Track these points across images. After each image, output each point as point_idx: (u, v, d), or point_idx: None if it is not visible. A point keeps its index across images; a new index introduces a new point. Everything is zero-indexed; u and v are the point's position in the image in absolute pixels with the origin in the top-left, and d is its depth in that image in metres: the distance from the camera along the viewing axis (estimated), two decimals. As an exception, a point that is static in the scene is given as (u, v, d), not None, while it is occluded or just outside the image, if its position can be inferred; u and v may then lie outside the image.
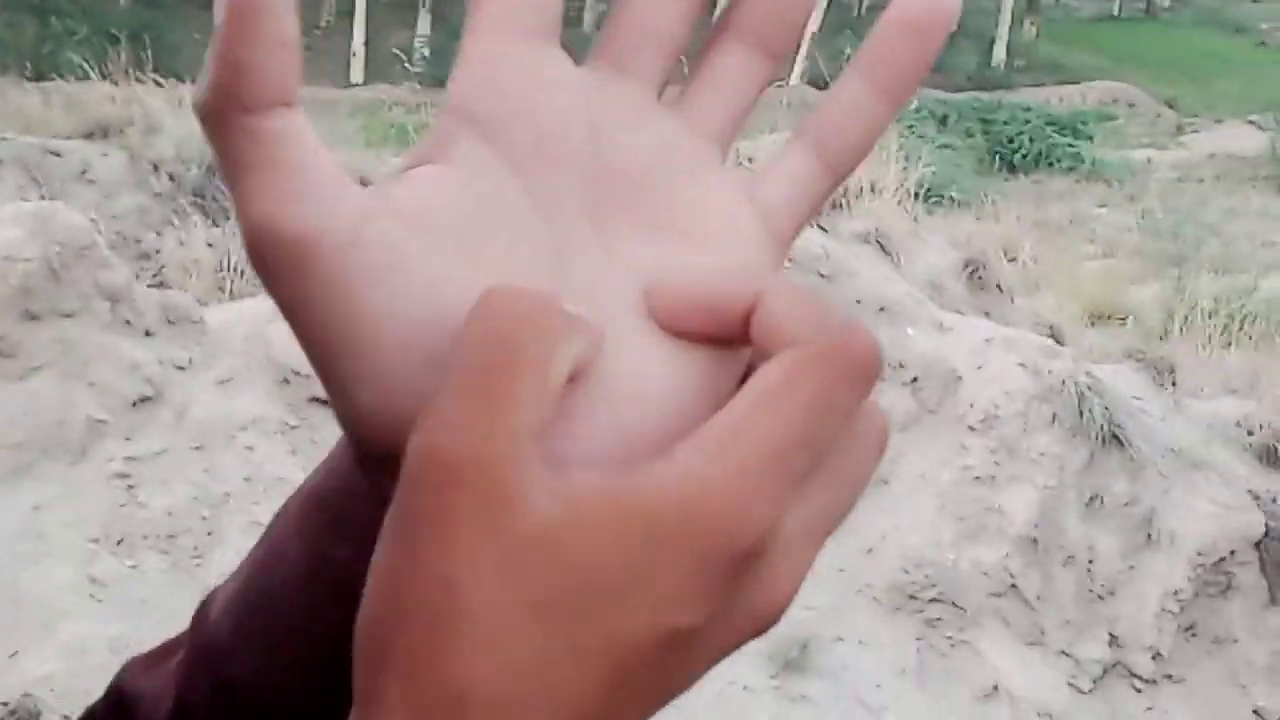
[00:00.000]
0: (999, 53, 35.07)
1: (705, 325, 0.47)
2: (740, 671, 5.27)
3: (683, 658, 0.44)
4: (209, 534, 5.14)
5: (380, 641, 0.43)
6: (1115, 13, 48.28)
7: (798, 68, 32.52)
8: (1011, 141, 25.65)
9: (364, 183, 0.45)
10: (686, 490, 0.41)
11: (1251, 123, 27.04)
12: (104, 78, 9.20)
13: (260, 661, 0.58)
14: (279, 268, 0.45)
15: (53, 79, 9.78)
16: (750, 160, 6.59)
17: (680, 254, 0.49)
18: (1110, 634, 5.84)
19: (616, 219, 0.49)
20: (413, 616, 0.42)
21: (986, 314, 7.56)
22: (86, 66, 9.53)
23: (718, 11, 0.53)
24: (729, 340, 0.47)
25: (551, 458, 0.42)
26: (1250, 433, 6.86)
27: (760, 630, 0.45)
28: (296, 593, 0.57)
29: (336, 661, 0.49)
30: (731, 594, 0.43)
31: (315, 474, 0.60)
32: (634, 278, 0.48)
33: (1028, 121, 26.09)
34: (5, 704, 4.63)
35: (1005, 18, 35.27)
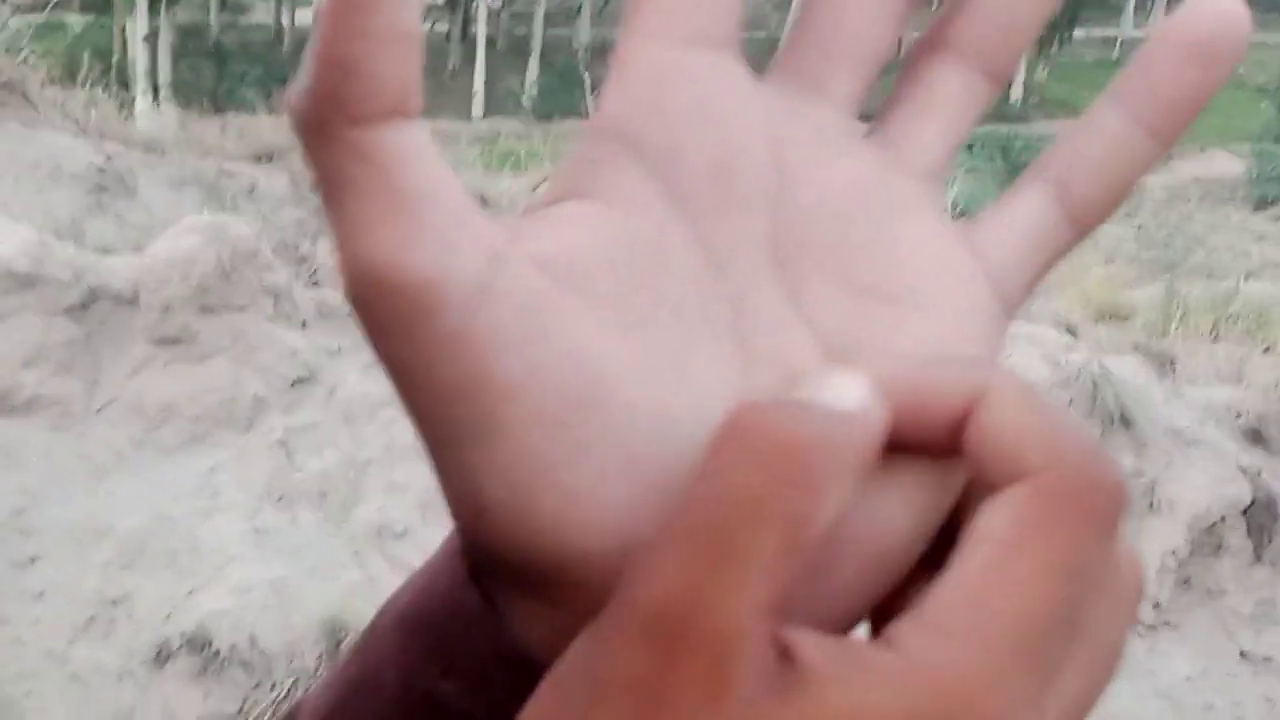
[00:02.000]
0: (1016, 92, 34.57)
1: (903, 427, 0.31)
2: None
3: None
4: (354, 492, 5.15)
5: None
6: (1114, 57, 47.46)
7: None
8: (1027, 165, 25.52)
9: (483, 203, 0.32)
10: (922, 685, 0.27)
11: (1230, 151, 26.76)
12: (270, 112, 9.29)
13: None
14: (390, 321, 0.30)
15: (228, 112, 9.82)
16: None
17: (888, 321, 0.34)
18: (1117, 587, 5.79)
19: (807, 276, 0.34)
20: None
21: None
22: (256, 102, 9.66)
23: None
24: (936, 450, 0.31)
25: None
26: (1238, 415, 6.76)
27: None
28: None
29: None
30: None
31: (409, 588, 0.40)
32: (829, 351, 0.33)
33: (1039, 149, 25.78)
34: (183, 633, 4.67)
35: (1021, 62, 34.93)
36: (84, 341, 5.30)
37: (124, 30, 25.16)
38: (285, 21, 34.28)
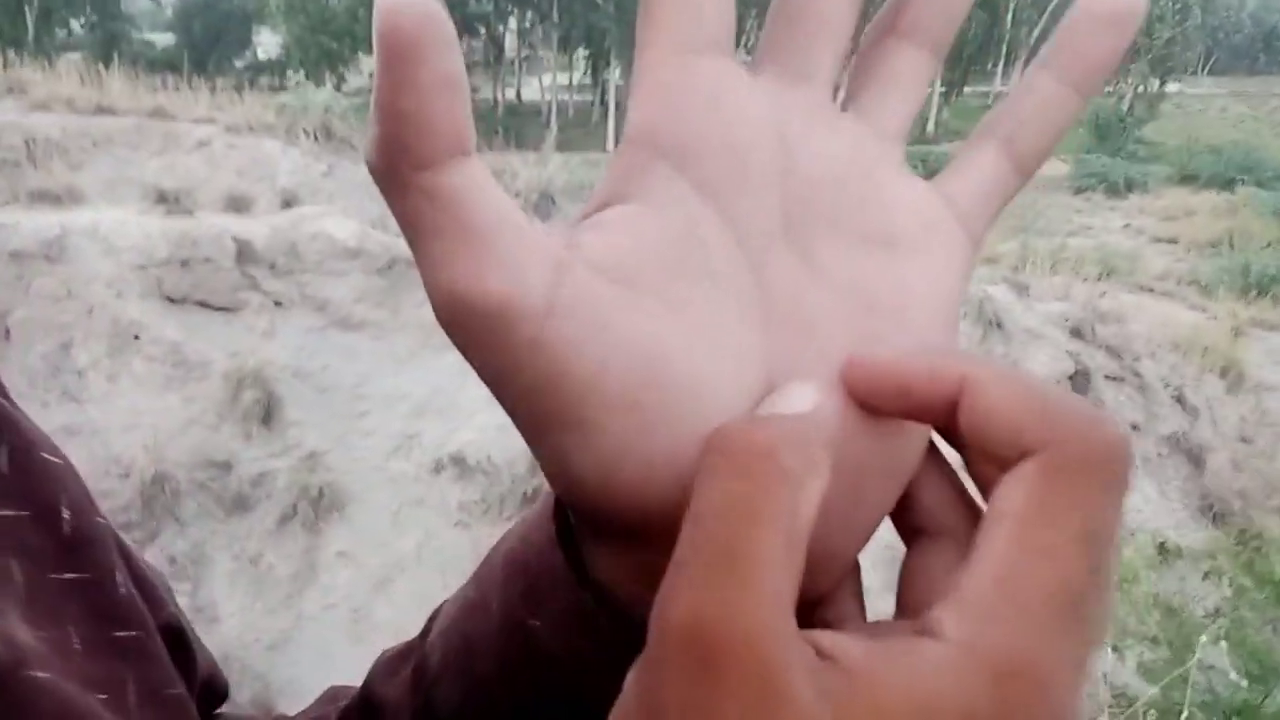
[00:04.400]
0: (930, 126, 33.19)
1: (904, 408, 0.23)
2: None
3: None
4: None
5: None
6: (989, 103, 45.54)
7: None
8: (935, 173, 24.41)
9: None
10: (976, 667, 0.19)
11: (1058, 158, 25.76)
12: (490, 150, 9.16)
13: (459, 695, 0.32)
14: (474, 339, 0.22)
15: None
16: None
17: (890, 264, 0.25)
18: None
19: (817, 233, 0.25)
20: None
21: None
22: (481, 146, 9.56)
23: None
24: (931, 421, 0.23)
25: None
26: (1066, 319, 6.71)
27: None
28: (493, 646, 0.30)
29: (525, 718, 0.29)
30: None
31: (515, 533, 0.31)
32: (844, 296, 0.25)
33: (945, 159, 24.83)
34: (450, 454, 4.75)
35: (935, 103, 33.33)
36: (389, 288, 5.37)
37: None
38: (499, 95, 34.01)
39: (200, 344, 4.84)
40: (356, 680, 0.38)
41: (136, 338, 4.74)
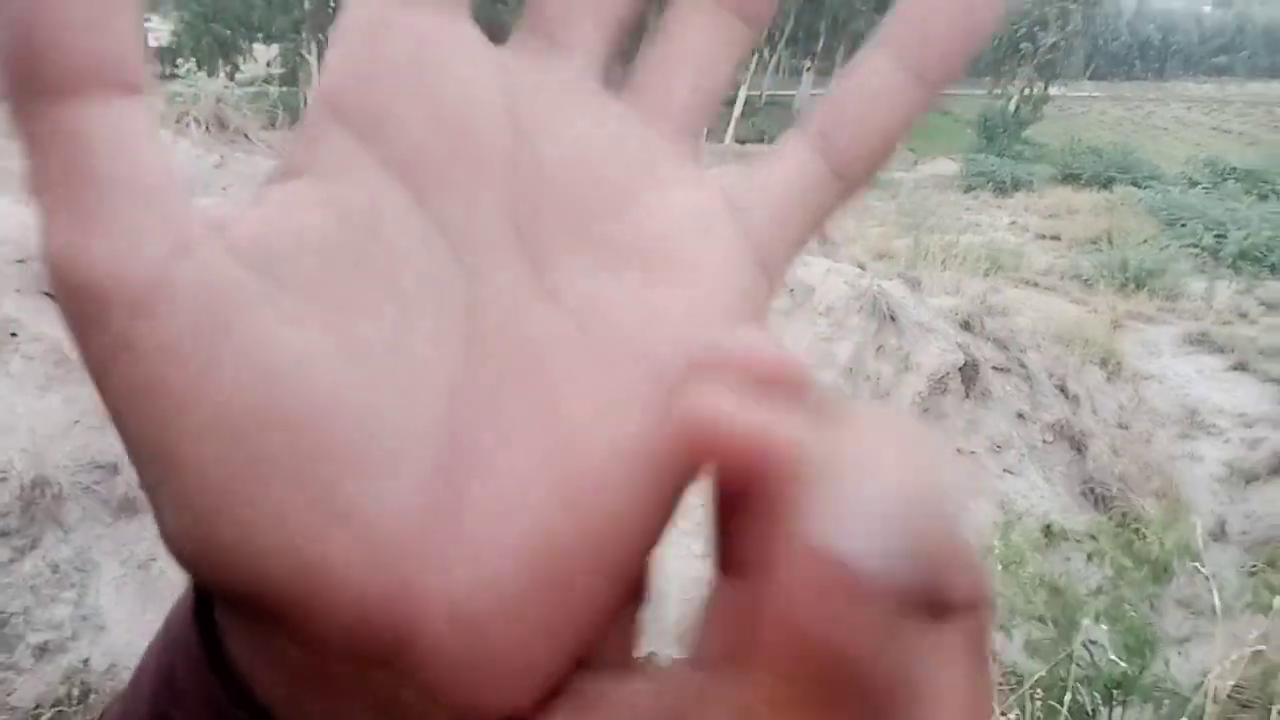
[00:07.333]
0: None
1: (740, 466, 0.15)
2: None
3: None
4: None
5: None
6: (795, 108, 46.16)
7: (731, 127, 24.60)
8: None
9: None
10: None
11: (950, 158, 26.56)
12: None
13: None
14: (73, 319, 0.15)
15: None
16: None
17: (639, 285, 0.19)
18: (888, 413, 5.99)
19: (554, 240, 0.19)
20: None
21: (825, 255, 7.46)
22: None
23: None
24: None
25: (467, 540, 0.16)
26: (956, 313, 6.94)
27: None
28: None
29: None
30: None
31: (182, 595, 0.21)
32: (575, 321, 0.18)
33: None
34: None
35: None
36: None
37: (306, 95, 24.55)
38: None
39: (84, 341, 4.62)
40: None
41: (14, 335, 4.49)
